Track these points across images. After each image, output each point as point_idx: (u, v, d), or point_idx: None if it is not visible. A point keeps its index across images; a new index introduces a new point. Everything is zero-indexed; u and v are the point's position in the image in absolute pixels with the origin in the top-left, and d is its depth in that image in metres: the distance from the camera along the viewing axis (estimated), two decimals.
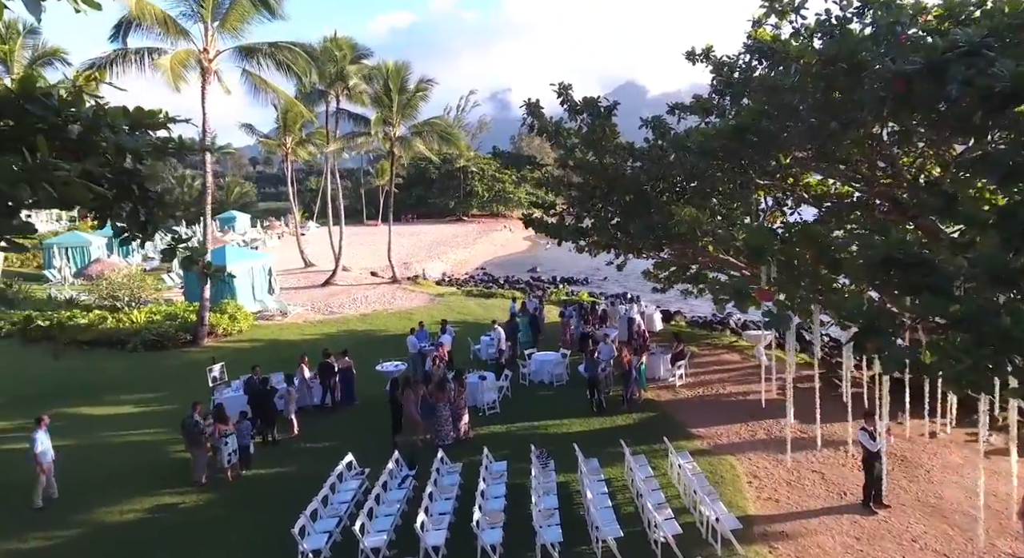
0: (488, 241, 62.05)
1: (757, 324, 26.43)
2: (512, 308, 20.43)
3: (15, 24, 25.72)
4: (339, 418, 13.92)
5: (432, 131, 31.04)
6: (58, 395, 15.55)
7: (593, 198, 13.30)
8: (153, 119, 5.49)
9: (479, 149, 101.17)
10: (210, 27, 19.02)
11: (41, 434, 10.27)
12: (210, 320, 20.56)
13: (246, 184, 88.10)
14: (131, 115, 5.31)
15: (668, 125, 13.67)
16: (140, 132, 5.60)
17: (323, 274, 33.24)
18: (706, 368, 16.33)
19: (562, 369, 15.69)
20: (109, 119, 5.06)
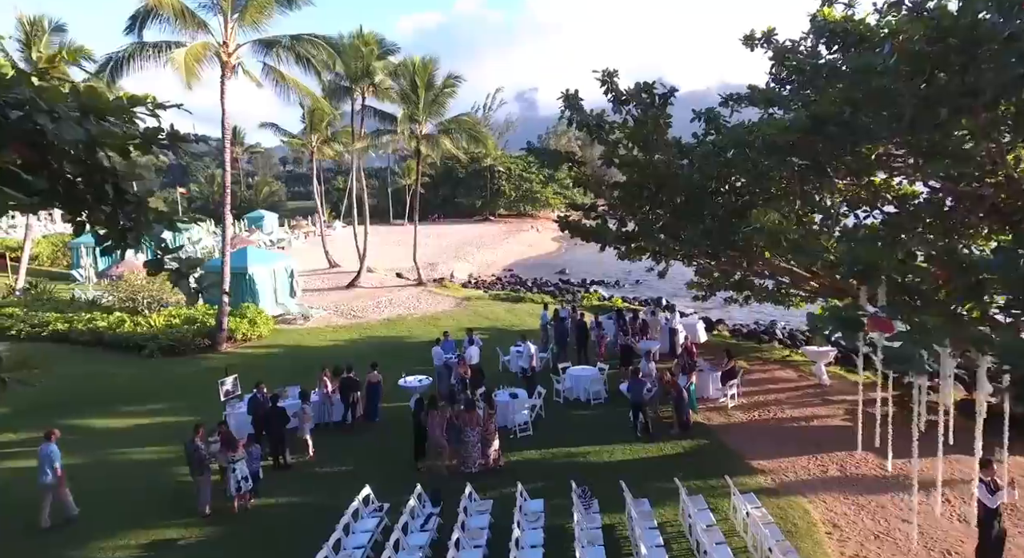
0: (515, 241, 60.84)
1: (803, 333, 24.75)
2: (544, 317, 19.13)
3: (41, 22, 25.46)
4: (358, 438, 12.83)
5: (460, 129, 29.93)
6: (69, 405, 14.84)
7: (639, 199, 11.91)
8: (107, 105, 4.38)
9: (506, 148, 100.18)
10: (229, 19, 18.19)
11: (54, 448, 9.58)
12: (229, 325, 19.78)
13: (275, 183, 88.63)
14: (82, 99, 4.21)
15: (723, 118, 12.25)
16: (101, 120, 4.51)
17: (347, 275, 32.46)
18: (759, 387, 14.79)
19: (600, 386, 14.34)
20: (46, 103, 3.95)
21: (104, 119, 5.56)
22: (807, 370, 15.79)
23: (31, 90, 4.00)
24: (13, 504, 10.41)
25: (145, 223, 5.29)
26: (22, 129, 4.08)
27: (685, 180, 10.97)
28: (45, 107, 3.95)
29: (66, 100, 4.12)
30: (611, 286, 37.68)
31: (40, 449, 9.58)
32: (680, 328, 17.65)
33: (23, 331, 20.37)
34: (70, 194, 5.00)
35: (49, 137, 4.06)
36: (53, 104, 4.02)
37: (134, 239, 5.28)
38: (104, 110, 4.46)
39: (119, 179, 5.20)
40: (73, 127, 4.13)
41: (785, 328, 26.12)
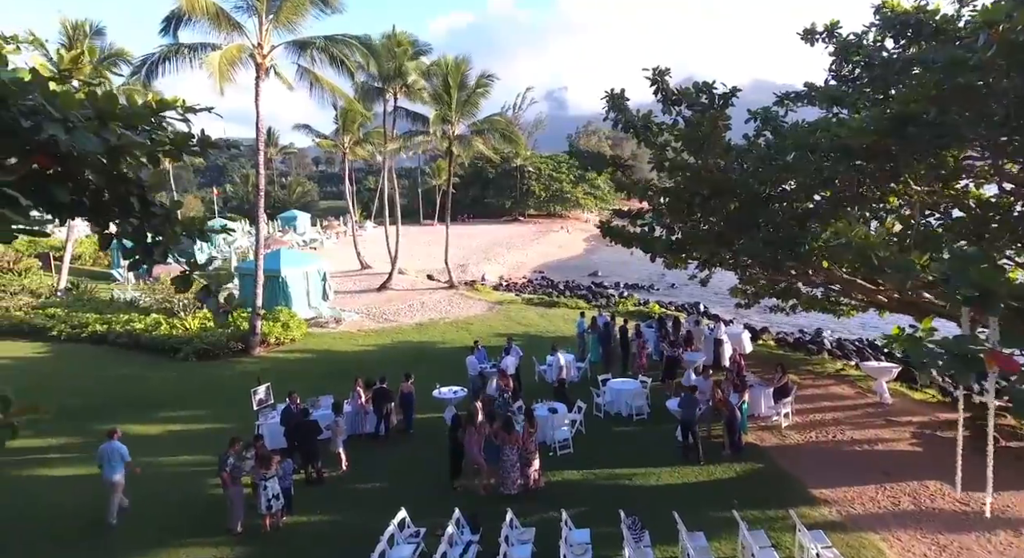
0: (546, 242, 60.17)
1: (856, 343, 23.52)
2: (580, 324, 18.47)
3: (83, 26, 25.87)
4: (392, 450, 12.41)
5: (493, 129, 29.43)
6: (105, 409, 14.81)
7: (690, 206, 11.15)
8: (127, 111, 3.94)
9: (535, 148, 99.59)
10: (264, 20, 18.01)
11: (119, 444, 9.79)
12: (262, 328, 19.67)
13: (308, 183, 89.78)
14: (99, 105, 3.76)
15: (779, 118, 11.43)
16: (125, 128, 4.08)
17: (379, 277, 32.30)
18: (814, 404, 13.88)
19: (643, 400, 13.63)
20: (59, 111, 3.51)
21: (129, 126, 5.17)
22: (865, 386, 14.79)
23: (43, 96, 3.57)
24: (43, 512, 10.27)
25: (173, 236, 4.90)
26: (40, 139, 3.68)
27: (740, 185, 10.19)
28: (58, 115, 3.51)
29: (81, 107, 3.69)
30: (645, 289, 36.71)
31: (103, 448, 9.73)
32: (725, 338, 16.79)
33: (63, 332, 20.64)
34: (96, 205, 4.63)
35: (62, 148, 3.64)
36: (67, 112, 3.57)
37: (161, 254, 4.88)
38: (124, 116, 4.00)
39: (145, 191, 4.80)
40: (89, 137, 3.68)
41: (833, 336, 24.95)
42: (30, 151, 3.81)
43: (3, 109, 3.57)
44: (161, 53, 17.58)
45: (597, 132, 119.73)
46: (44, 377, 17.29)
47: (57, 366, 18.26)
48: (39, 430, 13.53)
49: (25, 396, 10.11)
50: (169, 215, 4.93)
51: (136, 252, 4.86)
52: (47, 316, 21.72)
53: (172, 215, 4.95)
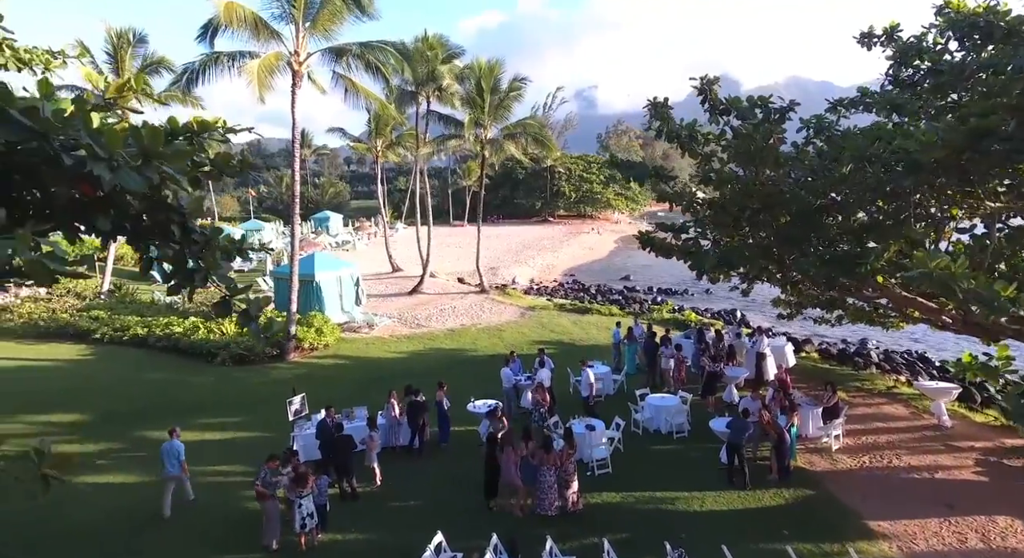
0: (576, 244, 59.63)
1: (904, 355, 22.48)
2: (615, 334, 18.06)
3: (126, 34, 26.48)
4: (427, 465, 12.22)
5: (525, 133, 29.13)
6: (145, 414, 15.02)
7: (738, 219, 10.64)
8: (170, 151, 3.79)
9: (565, 147, 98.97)
10: (301, 28, 18.07)
11: (179, 443, 10.59)
12: (297, 334, 19.78)
13: (339, 184, 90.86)
14: (143, 143, 3.60)
15: (833, 126, 10.84)
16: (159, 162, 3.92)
17: (410, 280, 32.38)
18: (865, 425, 13.20)
19: (683, 418, 13.17)
20: (104, 150, 3.35)
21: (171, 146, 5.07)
22: (920, 406, 14.02)
23: (88, 133, 3.42)
24: (83, 519, 10.36)
25: (213, 262, 4.80)
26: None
27: (794, 199, 9.66)
28: (103, 154, 3.36)
29: (124, 145, 3.53)
30: (679, 295, 35.96)
31: (164, 446, 10.52)
32: (768, 352, 16.16)
33: (106, 335, 21.12)
34: (137, 230, 4.54)
35: (106, 189, 3.49)
36: (112, 150, 3.42)
37: (201, 279, 4.80)
38: (169, 155, 3.85)
39: (186, 217, 4.70)
40: (133, 176, 3.53)
41: (879, 348, 23.92)
42: (72, 179, 3.70)
43: (45, 142, 3.45)
44: (201, 62, 17.79)
45: (628, 132, 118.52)
46: (87, 380, 17.68)
47: (100, 369, 18.66)
48: (84, 435, 13.81)
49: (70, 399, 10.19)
50: (209, 241, 4.83)
51: (176, 276, 4.77)
52: (91, 318, 22.27)
53: (212, 241, 4.85)
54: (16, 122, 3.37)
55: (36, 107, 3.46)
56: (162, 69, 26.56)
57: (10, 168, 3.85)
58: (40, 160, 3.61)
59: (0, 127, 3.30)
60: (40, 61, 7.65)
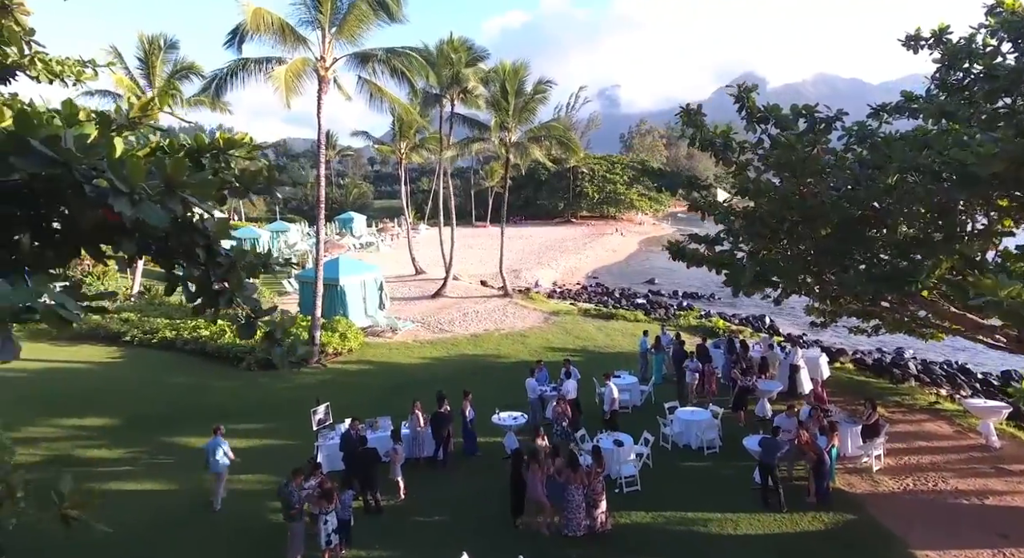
0: (599, 246, 59.06)
1: (944, 366, 21.62)
2: (642, 343, 17.67)
3: (158, 40, 26.87)
4: (452, 478, 12.04)
5: (550, 136, 28.83)
6: (171, 420, 15.13)
7: (775, 232, 10.19)
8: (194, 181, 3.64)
9: (588, 147, 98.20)
10: (327, 34, 18.05)
11: (221, 440, 11.06)
12: (321, 339, 19.81)
13: (363, 185, 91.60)
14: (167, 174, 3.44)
15: (875, 133, 10.34)
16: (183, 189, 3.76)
17: (433, 283, 32.32)
18: (907, 444, 12.64)
19: (714, 433, 12.77)
20: (126, 183, 3.20)
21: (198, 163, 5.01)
22: (966, 425, 13.38)
23: (109, 165, 3.27)
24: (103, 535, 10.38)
25: (238, 284, 4.66)
26: None
27: (835, 210, 9.20)
28: (124, 188, 3.19)
29: (147, 177, 3.36)
30: (705, 299, 35.27)
31: (208, 443, 11.03)
32: (802, 364, 15.62)
33: (136, 337, 21.44)
34: (162, 251, 4.41)
35: (128, 225, 3.34)
36: (134, 183, 3.25)
37: (226, 301, 4.65)
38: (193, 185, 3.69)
39: (211, 240, 4.56)
40: (155, 209, 3.36)
41: (916, 358, 23.06)
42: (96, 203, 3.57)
43: (67, 171, 3.31)
44: (229, 68, 17.89)
45: (652, 131, 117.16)
46: (116, 382, 17.92)
47: (128, 372, 18.91)
48: (111, 440, 13.95)
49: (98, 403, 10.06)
50: (235, 263, 4.70)
51: (201, 297, 4.66)
52: (121, 320, 22.64)
53: (236, 264, 4.72)
54: (38, 153, 3.23)
55: (58, 135, 3.32)
56: (192, 74, 26.89)
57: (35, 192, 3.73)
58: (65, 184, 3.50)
59: (22, 158, 3.18)
60: (71, 72, 7.63)
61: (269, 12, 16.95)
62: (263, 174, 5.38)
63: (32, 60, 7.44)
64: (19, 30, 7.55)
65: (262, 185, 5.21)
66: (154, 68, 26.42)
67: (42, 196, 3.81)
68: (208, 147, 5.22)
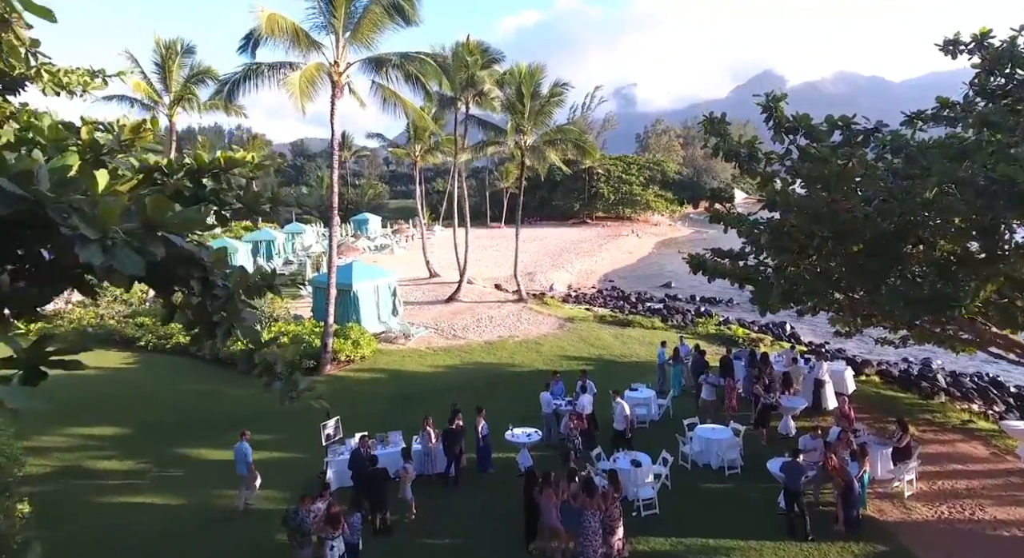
0: (615, 248, 58.47)
1: (974, 378, 20.83)
2: (660, 355, 17.21)
3: (175, 45, 26.93)
4: (463, 497, 11.71)
5: (566, 139, 28.41)
6: (182, 429, 15.04)
7: (806, 248, 9.69)
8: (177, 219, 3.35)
9: (604, 148, 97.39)
10: (341, 38, 17.83)
11: (247, 445, 11.38)
12: (333, 346, 19.62)
13: (378, 185, 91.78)
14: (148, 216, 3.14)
15: (910, 143, 9.80)
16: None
17: (447, 286, 32.07)
18: (941, 466, 12.06)
19: (736, 453, 12.29)
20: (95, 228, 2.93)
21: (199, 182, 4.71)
22: (1003, 446, 12.75)
23: (76, 210, 2.95)
24: (115, 544, 10.24)
25: (235, 315, 4.36)
26: None
27: (868, 225, 8.69)
28: (93, 235, 2.86)
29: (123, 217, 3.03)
30: (724, 304, 34.57)
31: (236, 446, 11.38)
32: (827, 378, 15.08)
33: (151, 342, 21.45)
34: (157, 275, 4.10)
35: (99, 276, 3.04)
36: (105, 228, 2.92)
37: (223, 334, 4.34)
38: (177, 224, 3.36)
39: (206, 272, 4.26)
40: (130, 256, 3.01)
41: (944, 369, 22.27)
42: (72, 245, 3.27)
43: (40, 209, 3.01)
44: (242, 72, 17.75)
45: (668, 131, 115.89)
46: (129, 389, 17.87)
47: (142, 378, 18.88)
48: (122, 451, 13.86)
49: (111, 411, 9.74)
50: (232, 294, 4.39)
51: (198, 328, 4.39)
52: (136, 325, 22.68)
53: (234, 295, 4.42)
54: (6, 193, 2.94)
55: (31, 171, 3.02)
56: (208, 79, 26.92)
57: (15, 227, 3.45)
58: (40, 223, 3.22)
59: None
60: (79, 83, 7.42)
61: (283, 17, 16.77)
62: (266, 195, 5.08)
63: (38, 72, 7.22)
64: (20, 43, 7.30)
65: (266, 206, 4.93)
66: (171, 73, 26.49)
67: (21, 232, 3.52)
68: (209, 166, 4.92)
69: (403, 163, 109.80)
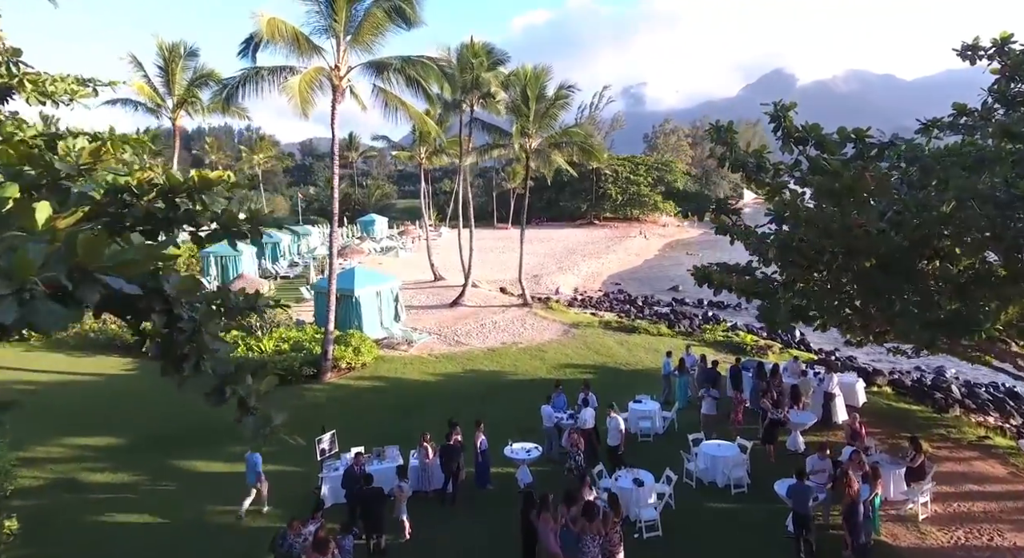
0: (622, 250, 58.06)
1: (990, 389, 20.26)
2: (666, 365, 16.82)
3: (178, 48, 26.81)
4: (460, 516, 11.37)
5: (571, 142, 28.02)
6: (175, 441, 14.79)
7: (818, 263, 9.27)
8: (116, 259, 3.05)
9: (611, 148, 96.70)
10: (342, 42, 17.57)
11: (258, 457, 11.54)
12: (334, 353, 19.38)
13: (386, 185, 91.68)
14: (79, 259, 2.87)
15: (924, 154, 9.36)
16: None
17: (451, 290, 31.80)
18: (956, 487, 11.59)
19: (742, 471, 11.89)
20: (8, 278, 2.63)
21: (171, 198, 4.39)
22: (1022, 465, 12.26)
23: None
24: None
25: (203, 347, 4.10)
26: None
27: (882, 240, 8.28)
28: (6, 290, 2.55)
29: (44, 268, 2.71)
30: (732, 309, 34.04)
31: (247, 456, 11.60)
32: (838, 391, 14.63)
33: (151, 349, 21.28)
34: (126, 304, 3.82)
35: (9, 333, 2.76)
36: (23, 279, 2.60)
37: (192, 367, 4.09)
38: (120, 263, 3.08)
39: (170, 304, 4.00)
40: (52, 310, 2.70)
41: (958, 379, 21.72)
42: None
43: None
44: (241, 77, 17.53)
45: (676, 131, 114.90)
46: (128, 397, 17.68)
47: (140, 386, 18.69)
48: (116, 463, 13.65)
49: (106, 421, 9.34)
50: (196, 330, 4.11)
51: (164, 360, 4.14)
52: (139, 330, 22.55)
53: (200, 328, 4.14)
54: None
55: None
56: (211, 82, 26.78)
57: None
58: None
59: None
60: (66, 92, 7.14)
61: (284, 22, 16.52)
62: (243, 218, 4.80)
63: (20, 81, 6.94)
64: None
65: (246, 225, 4.67)
66: (174, 76, 26.38)
67: None
68: (183, 186, 4.66)
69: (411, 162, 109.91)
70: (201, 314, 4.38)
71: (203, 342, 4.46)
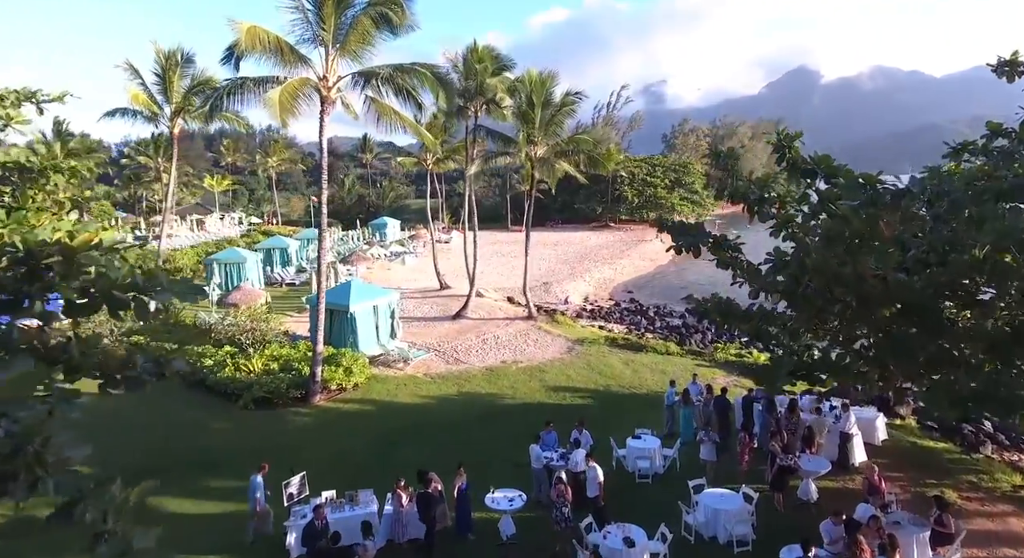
0: (636, 254, 56.59)
1: None
2: (669, 395, 15.73)
3: (175, 54, 26.34)
4: None
5: (578, 150, 26.95)
6: (154, 472, 14.10)
7: (824, 312, 8.13)
8: None
9: (629, 148, 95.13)
10: (330, 51, 16.76)
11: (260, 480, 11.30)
12: (323, 375, 18.64)
13: (400, 187, 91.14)
14: None
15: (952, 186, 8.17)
16: None
17: (456, 300, 30.93)
18: (987, 551, 10.33)
19: (747, 527, 10.79)
20: None
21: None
22: None
23: None
24: None
25: (40, 463, 3.68)
26: None
27: (903, 289, 7.14)
28: None
29: None
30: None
31: (251, 479, 11.31)
32: (855, 431, 13.40)
33: None
34: None
35: None
36: None
37: (26, 489, 3.55)
38: None
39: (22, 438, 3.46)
40: None
41: None
42: None
43: None
44: (225, 88, 16.82)
45: (695, 130, 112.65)
46: (108, 421, 16.99)
47: (123, 407, 17.98)
48: None
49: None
50: (21, 447, 3.44)
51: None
52: (130, 344, 22.08)
53: (30, 437, 3.46)
54: None
55: None
56: (208, 89, 26.27)
57: None
58: None
59: None
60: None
61: (265, 31, 15.76)
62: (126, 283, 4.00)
63: None
64: None
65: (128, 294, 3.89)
66: (171, 83, 25.92)
67: None
68: (44, 252, 3.85)
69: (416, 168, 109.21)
70: (24, 427, 3.65)
71: (40, 459, 3.74)
